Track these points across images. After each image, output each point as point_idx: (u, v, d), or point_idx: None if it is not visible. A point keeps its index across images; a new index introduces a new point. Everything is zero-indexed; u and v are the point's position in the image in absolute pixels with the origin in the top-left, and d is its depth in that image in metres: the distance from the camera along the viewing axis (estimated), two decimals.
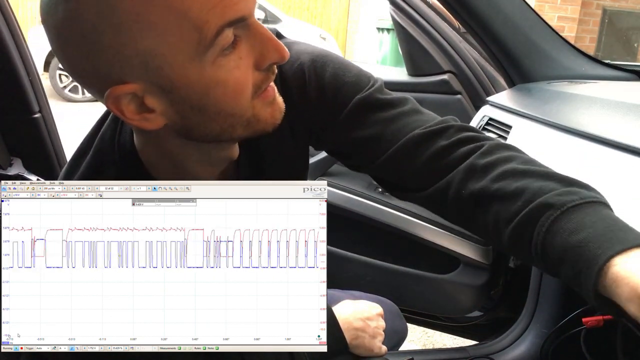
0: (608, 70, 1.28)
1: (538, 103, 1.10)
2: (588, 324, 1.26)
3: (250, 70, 0.55)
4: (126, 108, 0.53)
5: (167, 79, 0.51)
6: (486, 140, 0.65)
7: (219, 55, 0.51)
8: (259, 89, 0.57)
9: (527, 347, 1.52)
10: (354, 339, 0.87)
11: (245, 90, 0.55)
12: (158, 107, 0.54)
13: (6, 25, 1.04)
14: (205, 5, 0.48)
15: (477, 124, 1.22)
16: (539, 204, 0.55)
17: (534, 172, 0.59)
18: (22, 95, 1.08)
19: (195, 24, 0.48)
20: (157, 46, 0.49)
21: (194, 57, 0.50)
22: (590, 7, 6.32)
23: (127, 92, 0.52)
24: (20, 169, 1.06)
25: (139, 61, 0.50)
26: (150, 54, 0.49)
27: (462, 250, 1.57)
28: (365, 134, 0.68)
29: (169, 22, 0.48)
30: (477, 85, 1.50)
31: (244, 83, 0.54)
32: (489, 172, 0.61)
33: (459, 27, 1.56)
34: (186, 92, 0.53)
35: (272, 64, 0.56)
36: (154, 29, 0.48)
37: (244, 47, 0.54)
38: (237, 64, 0.53)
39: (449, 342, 2.03)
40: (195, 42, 0.49)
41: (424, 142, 0.65)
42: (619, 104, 0.92)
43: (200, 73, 0.52)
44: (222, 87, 0.53)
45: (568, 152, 0.85)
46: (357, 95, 0.68)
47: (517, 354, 1.53)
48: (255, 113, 0.58)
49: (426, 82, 1.54)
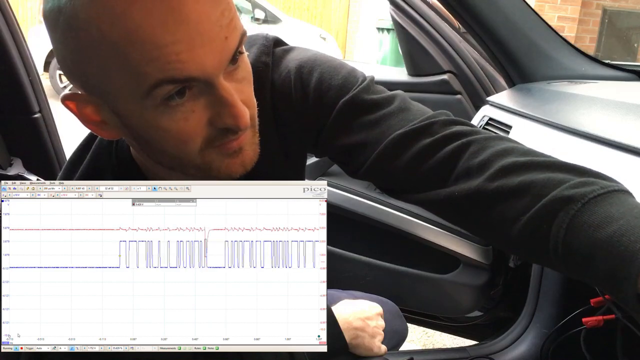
0: (608, 70, 1.28)
1: (538, 103, 1.10)
2: (588, 324, 1.26)
3: (203, 124, 0.52)
4: (82, 110, 0.54)
5: (114, 106, 0.52)
6: (474, 134, 0.60)
7: (160, 104, 0.50)
8: (214, 141, 0.54)
9: (527, 347, 1.52)
10: (354, 339, 0.87)
11: (191, 142, 0.53)
12: (111, 122, 0.54)
13: (6, 25, 1.04)
14: (145, 57, 0.46)
15: (477, 124, 1.22)
16: (553, 198, 0.49)
17: (537, 163, 0.53)
18: (22, 95, 1.08)
19: (133, 71, 0.47)
20: (104, 78, 0.49)
21: (136, 99, 0.50)
22: (590, 7, 6.32)
23: (85, 99, 0.53)
24: (20, 169, 1.06)
25: (94, 81, 0.50)
26: (101, 81, 0.50)
27: (462, 250, 1.57)
28: (351, 139, 0.65)
29: (112, 62, 0.47)
30: (477, 85, 1.50)
31: (190, 134, 0.52)
32: (484, 170, 0.56)
33: (459, 27, 1.56)
34: (130, 122, 0.53)
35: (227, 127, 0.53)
36: (101, 63, 0.48)
37: (201, 103, 0.51)
38: (185, 115, 0.51)
39: (449, 342, 2.03)
40: (135, 87, 0.48)
41: (405, 142, 0.62)
42: (619, 104, 0.92)
43: (141, 114, 0.51)
44: (163, 132, 0.52)
45: (568, 152, 0.85)
46: (342, 98, 0.65)
47: (517, 354, 1.53)
48: (206, 162, 0.56)
49: (426, 82, 1.55)
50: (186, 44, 0.47)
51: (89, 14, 0.46)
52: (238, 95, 0.53)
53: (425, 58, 1.53)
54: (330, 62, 0.69)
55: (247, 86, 0.56)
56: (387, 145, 0.62)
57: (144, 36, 0.46)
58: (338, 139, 0.67)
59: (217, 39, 0.49)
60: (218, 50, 0.49)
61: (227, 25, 0.50)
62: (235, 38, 0.51)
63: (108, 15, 0.46)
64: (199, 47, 0.48)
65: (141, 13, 0.45)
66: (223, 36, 0.49)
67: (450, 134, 0.60)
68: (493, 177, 0.55)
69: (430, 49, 1.52)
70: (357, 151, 0.66)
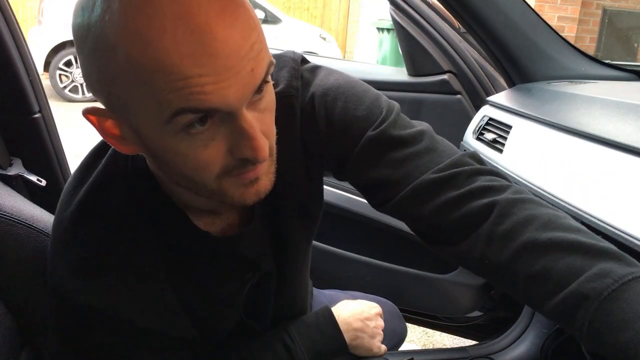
0: (608, 70, 1.28)
1: (538, 103, 1.10)
2: None
3: (222, 153, 0.52)
4: (103, 124, 0.54)
5: (135, 126, 0.52)
6: (498, 192, 0.60)
7: (181, 131, 0.50)
8: (232, 170, 0.54)
9: (527, 347, 1.52)
10: (353, 340, 0.87)
11: (208, 169, 0.53)
12: (130, 138, 0.54)
13: (6, 25, 1.04)
14: (169, 86, 0.46)
15: (477, 124, 1.22)
16: (572, 293, 0.50)
17: (557, 244, 0.54)
18: (22, 95, 1.08)
19: (156, 97, 0.47)
20: (127, 99, 0.49)
21: (157, 124, 0.49)
22: (590, 7, 6.31)
23: (107, 115, 0.53)
24: (20, 169, 1.06)
25: (117, 101, 0.50)
26: (124, 102, 0.50)
27: None
28: (376, 175, 0.65)
29: (136, 86, 0.47)
30: (477, 85, 1.50)
31: (208, 162, 0.52)
32: (507, 243, 0.56)
33: (459, 27, 1.56)
34: (150, 143, 0.53)
35: (246, 158, 0.53)
36: (125, 85, 0.48)
37: (221, 131, 0.51)
38: (205, 143, 0.51)
39: (449, 342, 2.03)
40: (156, 112, 0.48)
41: (431, 191, 0.62)
42: (619, 104, 0.92)
43: (161, 137, 0.51)
44: (181, 157, 0.52)
45: (568, 152, 0.85)
46: (368, 131, 0.65)
47: (517, 354, 1.53)
48: (221, 189, 0.56)
49: (426, 82, 1.54)
50: (212, 77, 0.47)
51: (118, 37, 0.46)
52: (259, 125, 0.53)
53: (425, 58, 1.53)
54: (353, 90, 0.68)
55: (269, 116, 0.56)
56: (412, 190, 0.62)
57: (171, 66, 0.45)
58: (362, 172, 0.67)
59: (243, 72, 0.49)
60: (243, 83, 0.49)
61: (255, 57, 0.49)
62: (262, 70, 0.51)
63: (137, 41, 0.45)
64: (225, 80, 0.47)
65: (171, 43, 0.45)
66: (250, 68, 0.49)
67: (475, 189, 0.60)
68: (515, 255, 0.55)
69: (430, 49, 1.52)
70: (381, 188, 0.66)
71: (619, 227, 0.64)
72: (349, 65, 2.61)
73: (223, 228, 0.69)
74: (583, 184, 0.76)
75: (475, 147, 1.16)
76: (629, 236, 0.62)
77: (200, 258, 0.67)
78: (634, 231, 0.62)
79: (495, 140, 1.10)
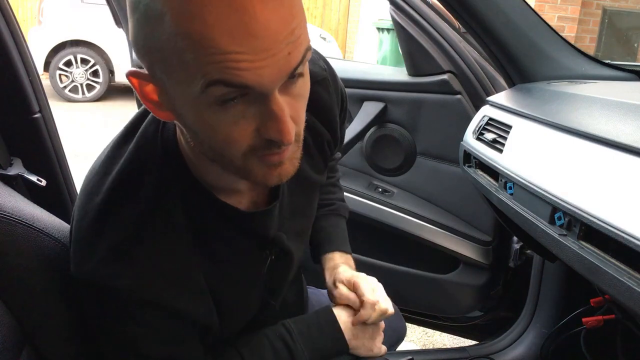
0: (608, 70, 1.28)
1: (538, 103, 1.10)
2: (588, 324, 1.26)
3: (250, 131, 0.55)
4: (143, 88, 0.57)
5: (173, 94, 0.54)
6: None
7: (213, 103, 0.52)
8: (257, 150, 0.56)
9: (527, 347, 1.52)
10: (354, 339, 0.87)
11: (236, 145, 0.55)
12: (167, 105, 0.57)
13: (6, 25, 1.04)
14: (207, 58, 0.49)
15: (477, 124, 1.22)
16: None
17: None
18: (22, 95, 1.08)
19: (194, 67, 0.50)
20: (168, 67, 0.52)
21: (193, 94, 0.52)
22: (590, 7, 6.31)
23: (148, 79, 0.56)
24: (20, 169, 1.06)
25: (158, 67, 0.53)
26: (164, 69, 0.52)
27: (462, 250, 1.57)
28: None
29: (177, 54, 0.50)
30: (477, 85, 1.50)
31: (236, 138, 0.55)
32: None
33: (459, 27, 1.56)
34: (184, 113, 0.55)
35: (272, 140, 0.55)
36: (168, 53, 0.50)
37: (252, 111, 0.53)
38: (235, 119, 0.53)
39: (449, 342, 2.03)
40: (192, 81, 0.51)
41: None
42: (619, 104, 0.92)
43: (195, 108, 0.53)
44: (211, 130, 0.55)
45: (568, 152, 0.85)
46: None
47: (517, 354, 1.53)
48: (246, 167, 0.58)
49: (426, 82, 1.54)
50: (249, 56, 0.49)
51: (167, 6, 0.48)
52: (289, 110, 0.55)
53: (425, 58, 1.53)
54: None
55: (300, 102, 0.58)
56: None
57: (211, 40, 0.48)
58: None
59: (279, 54, 0.50)
60: (278, 66, 0.51)
61: (294, 42, 0.51)
62: (299, 54, 0.53)
63: (183, 12, 0.48)
64: (261, 60, 0.49)
65: (213, 17, 0.47)
66: (287, 52, 0.51)
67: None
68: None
69: (430, 49, 1.52)
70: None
71: (619, 227, 0.64)
72: (349, 65, 2.61)
73: (248, 207, 0.72)
74: (583, 184, 0.76)
75: (475, 147, 1.16)
76: (629, 236, 0.62)
77: (226, 234, 0.70)
78: (634, 231, 0.62)
79: (495, 140, 1.10)
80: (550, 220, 0.82)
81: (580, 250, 0.73)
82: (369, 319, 0.85)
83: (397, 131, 1.62)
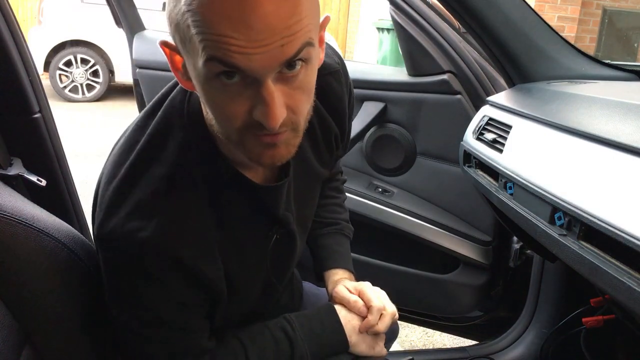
0: (608, 70, 1.28)
1: (538, 103, 1.10)
2: (588, 324, 1.26)
3: (244, 109, 0.58)
4: (173, 57, 0.63)
5: (189, 66, 0.60)
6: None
7: (214, 78, 0.56)
8: (250, 128, 0.60)
9: (527, 347, 1.52)
10: (354, 335, 0.88)
11: (232, 120, 0.60)
12: (190, 76, 0.62)
13: (6, 25, 1.04)
14: (207, 37, 0.53)
15: (477, 124, 1.22)
16: None
17: None
18: (22, 95, 1.08)
19: (200, 44, 0.54)
20: (184, 39, 0.57)
21: (199, 68, 0.57)
22: (590, 7, 6.31)
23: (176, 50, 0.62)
24: (20, 169, 1.06)
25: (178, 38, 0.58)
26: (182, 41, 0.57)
27: (462, 250, 1.57)
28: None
29: (189, 30, 0.55)
30: (477, 85, 1.50)
31: (232, 113, 0.59)
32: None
33: (459, 27, 1.56)
34: (195, 83, 0.60)
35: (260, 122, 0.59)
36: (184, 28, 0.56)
37: (247, 92, 0.57)
38: (232, 96, 0.58)
39: (449, 342, 2.03)
40: (198, 56, 0.55)
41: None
42: (619, 104, 0.92)
43: (202, 81, 0.58)
44: (213, 104, 0.61)
45: (568, 152, 0.85)
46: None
47: (517, 354, 1.53)
48: (242, 142, 0.62)
49: (426, 82, 1.54)
50: (242, 42, 0.53)
51: None
52: (285, 99, 0.58)
53: (425, 58, 1.53)
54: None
55: (300, 94, 0.60)
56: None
57: (210, 22, 0.53)
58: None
59: (272, 46, 0.54)
60: (270, 56, 0.54)
61: (290, 36, 0.54)
62: (293, 48, 0.55)
63: None
64: (253, 48, 0.53)
65: (217, 3, 0.52)
66: (280, 44, 0.54)
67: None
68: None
69: (430, 49, 1.52)
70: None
71: (619, 227, 0.64)
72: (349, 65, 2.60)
73: (260, 182, 0.75)
74: (583, 184, 0.76)
75: (475, 147, 1.16)
76: (629, 236, 0.62)
77: (238, 205, 0.74)
78: (634, 231, 0.62)
79: (495, 140, 1.10)
80: (550, 220, 0.82)
81: (580, 250, 0.73)
82: (379, 326, 0.87)
83: (397, 131, 1.62)
